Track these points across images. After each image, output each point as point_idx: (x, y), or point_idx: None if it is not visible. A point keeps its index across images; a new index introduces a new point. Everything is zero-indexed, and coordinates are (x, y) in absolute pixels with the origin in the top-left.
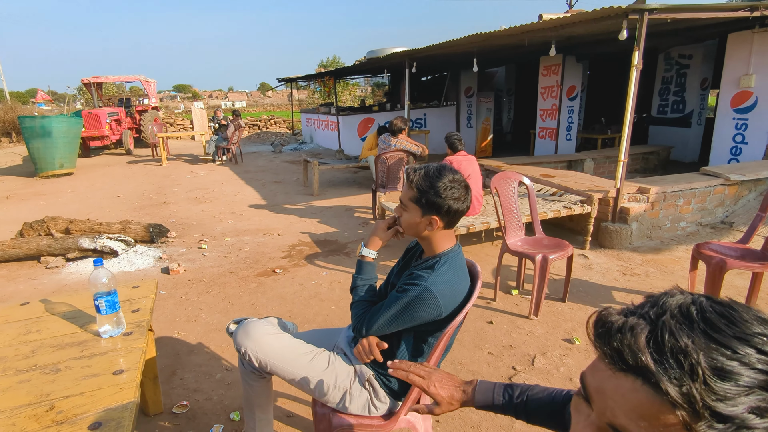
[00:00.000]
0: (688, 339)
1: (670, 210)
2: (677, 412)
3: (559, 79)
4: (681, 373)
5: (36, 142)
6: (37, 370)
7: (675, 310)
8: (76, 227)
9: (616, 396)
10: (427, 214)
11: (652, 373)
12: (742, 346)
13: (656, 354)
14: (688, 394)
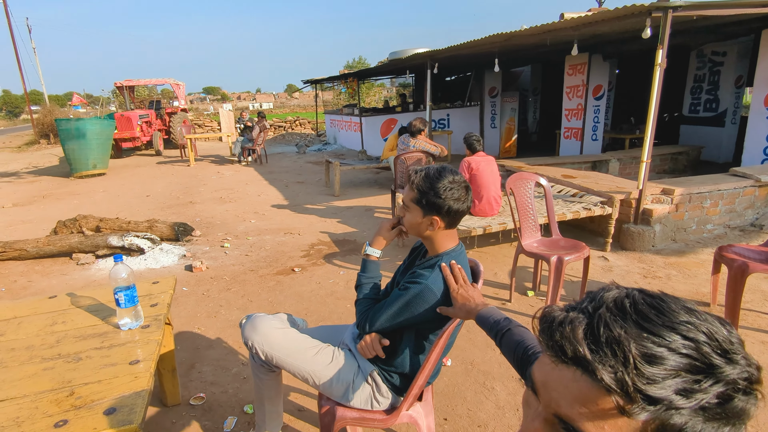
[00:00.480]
0: (621, 329)
1: (696, 212)
2: (612, 397)
3: (584, 78)
4: (615, 361)
5: (71, 144)
6: (60, 359)
7: (610, 303)
8: (106, 225)
9: (559, 387)
10: (428, 214)
11: (589, 363)
12: (670, 333)
13: (593, 345)
14: (621, 379)
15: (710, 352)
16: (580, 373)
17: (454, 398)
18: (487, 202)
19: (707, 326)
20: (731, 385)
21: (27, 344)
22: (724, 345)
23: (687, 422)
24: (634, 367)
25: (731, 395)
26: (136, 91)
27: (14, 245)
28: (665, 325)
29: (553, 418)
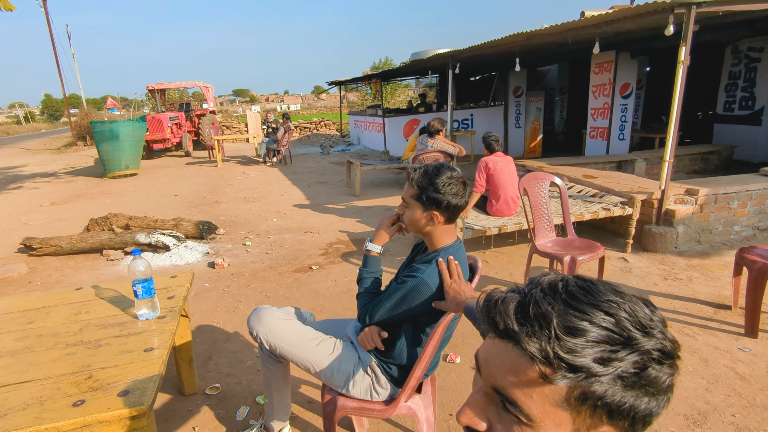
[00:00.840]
0: (549, 306)
1: (723, 213)
2: (536, 365)
3: (611, 77)
4: (540, 333)
5: (105, 145)
6: (82, 345)
7: (545, 285)
8: (135, 223)
9: (495, 360)
10: (428, 210)
11: (516, 334)
12: (593, 309)
13: (522, 319)
14: (544, 349)
15: (629, 326)
16: (512, 346)
17: (461, 394)
18: (505, 202)
19: (630, 305)
20: (646, 355)
21: (53, 331)
22: (643, 321)
23: (607, 390)
24: (556, 338)
25: (646, 364)
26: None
27: (50, 241)
28: (590, 303)
29: (492, 390)
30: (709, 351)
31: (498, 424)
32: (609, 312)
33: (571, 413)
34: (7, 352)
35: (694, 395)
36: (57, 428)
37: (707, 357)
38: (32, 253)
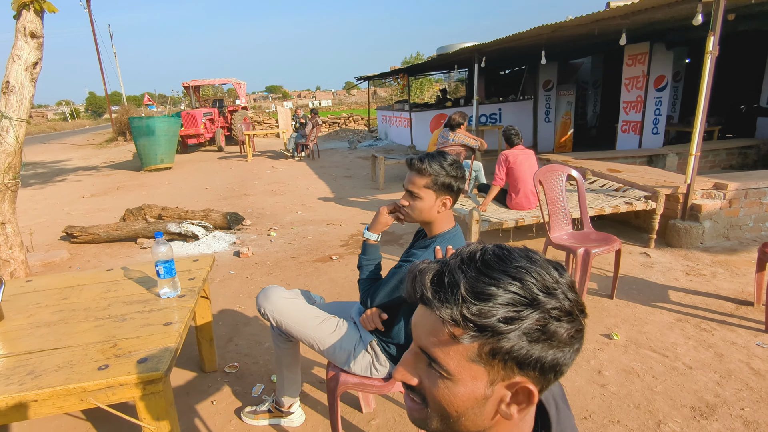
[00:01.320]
0: (462, 274)
1: (754, 208)
2: (446, 328)
3: (645, 69)
4: (450, 299)
5: (142, 140)
6: (109, 319)
7: (465, 255)
8: (167, 214)
9: (419, 324)
10: (441, 195)
11: (429, 301)
12: (502, 275)
13: (436, 287)
14: (453, 314)
15: (534, 289)
16: (429, 311)
17: None
18: (524, 195)
19: (538, 270)
20: (547, 313)
21: (85, 306)
22: (548, 284)
23: (513, 345)
24: (463, 302)
25: (547, 321)
26: (202, 91)
27: (89, 230)
28: (501, 270)
29: (419, 350)
30: (726, 346)
31: (426, 379)
32: (516, 277)
33: (484, 367)
34: (44, 323)
35: (704, 388)
36: (83, 388)
37: (722, 352)
38: (73, 240)
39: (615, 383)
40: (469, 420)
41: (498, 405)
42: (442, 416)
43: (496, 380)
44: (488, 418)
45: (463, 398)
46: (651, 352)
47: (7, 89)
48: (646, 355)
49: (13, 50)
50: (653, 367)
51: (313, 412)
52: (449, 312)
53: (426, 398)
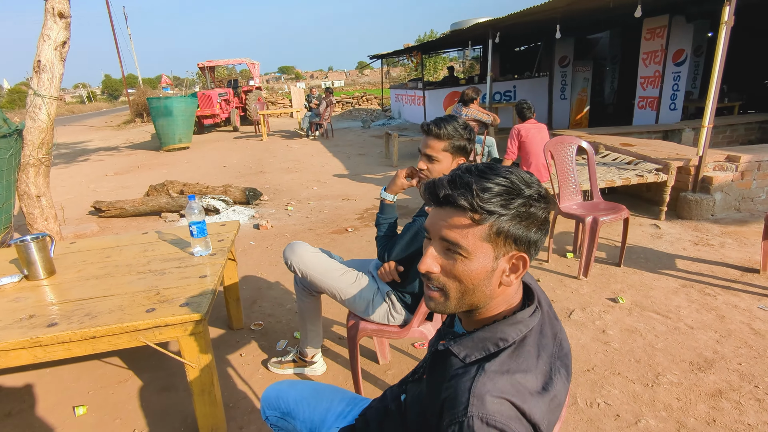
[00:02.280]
0: (469, 177)
1: (767, 180)
2: (467, 214)
3: (663, 43)
4: (467, 193)
5: (160, 120)
6: (150, 273)
7: (463, 168)
8: (189, 189)
9: (439, 220)
10: (456, 157)
11: (452, 196)
12: (495, 176)
13: (453, 186)
14: (471, 202)
15: (517, 183)
16: (450, 208)
17: None
18: (536, 169)
19: (518, 173)
20: (529, 198)
21: (127, 263)
22: (526, 179)
23: (510, 225)
24: (476, 195)
25: (530, 204)
26: (217, 71)
27: (116, 204)
28: (493, 173)
29: (440, 241)
30: (728, 309)
31: (446, 265)
32: (505, 176)
33: (492, 244)
34: (92, 276)
35: (704, 345)
36: (135, 326)
37: (725, 314)
38: (101, 215)
39: (618, 341)
40: (481, 291)
41: (501, 275)
42: (461, 292)
43: (499, 255)
44: (494, 288)
45: (478, 272)
46: (654, 314)
47: (39, 68)
48: (649, 316)
49: (43, 30)
50: (655, 327)
51: (333, 363)
52: (469, 202)
53: (444, 287)
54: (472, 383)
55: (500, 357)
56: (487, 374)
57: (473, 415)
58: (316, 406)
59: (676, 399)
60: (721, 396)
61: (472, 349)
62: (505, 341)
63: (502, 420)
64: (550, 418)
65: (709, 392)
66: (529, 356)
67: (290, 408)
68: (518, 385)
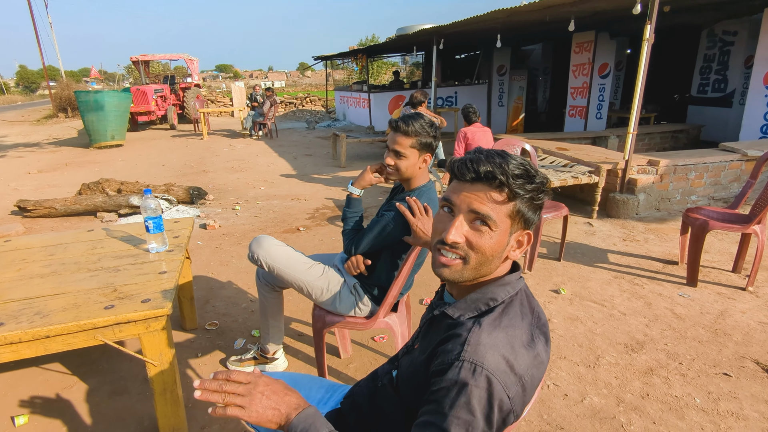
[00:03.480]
0: (499, 158)
1: (681, 183)
2: (503, 190)
3: (590, 57)
4: (505, 173)
5: (90, 115)
6: (103, 270)
7: (484, 151)
8: (127, 188)
9: (472, 195)
10: (423, 153)
11: (492, 173)
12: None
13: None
14: (507, 181)
15: (531, 170)
16: (483, 184)
17: None
18: None
19: (528, 162)
20: (540, 184)
21: (75, 260)
22: (535, 168)
23: (525, 207)
24: (511, 175)
25: (540, 190)
26: (151, 67)
27: (44, 203)
28: (512, 158)
29: (469, 213)
30: (654, 297)
31: (472, 235)
32: (521, 163)
33: (511, 221)
34: (37, 275)
35: (635, 329)
36: (94, 324)
37: (651, 301)
38: (27, 215)
39: (562, 328)
40: (493, 263)
41: (509, 250)
42: (479, 262)
43: (513, 231)
44: (501, 260)
45: (498, 244)
46: (592, 303)
47: None
48: (588, 305)
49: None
50: (594, 314)
51: (294, 359)
52: (506, 181)
53: (467, 256)
54: (468, 334)
55: (493, 313)
56: (482, 327)
57: (465, 360)
58: None
59: (615, 377)
60: (652, 373)
61: (465, 309)
62: (495, 300)
63: (490, 369)
64: (533, 372)
65: (641, 370)
66: (516, 316)
67: None
68: (510, 337)
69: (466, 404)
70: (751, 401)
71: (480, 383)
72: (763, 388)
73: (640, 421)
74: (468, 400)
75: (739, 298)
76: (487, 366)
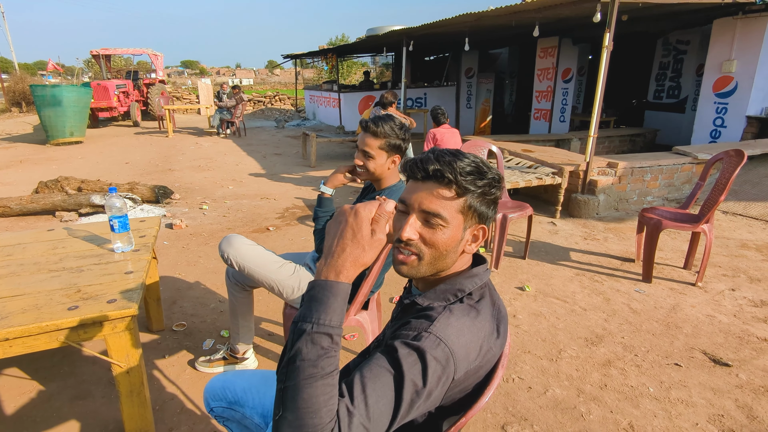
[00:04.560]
0: (449, 156)
1: (638, 184)
2: (452, 187)
3: (554, 62)
4: (452, 170)
5: (47, 111)
6: (65, 270)
7: (437, 150)
8: (88, 186)
9: (423, 193)
10: (391, 154)
11: (440, 171)
12: (465, 158)
13: (439, 163)
14: (455, 177)
15: (482, 165)
16: (433, 182)
17: None
18: None
19: (480, 158)
20: (492, 179)
21: (34, 261)
22: (487, 164)
23: (477, 202)
24: (459, 171)
25: (492, 185)
26: (113, 61)
27: None
28: (463, 155)
29: (420, 212)
30: (612, 293)
31: (425, 232)
32: (473, 159)
33: (463, 217)
34: None
35: (595, 324)
36: (57, 325)
37: (609, 297)
38: None
39: (526, 324)
40: (449, 257)
41: (465, 244)
42: (434, 257)
43: (467, 226)
44: (458, 254)
45: (451, 239)
46: (555, 299)
47: None
48: (551, 302)
49: None
50: (556, 310)
51: (264, 359)
52: (454, 177)
53: (420, 252)
54: (439, 315)
55: (463, 303)
56: (453, 312)
57: (432, 333)
58: (267, 392)
59: (576, 370)
60: (610, 365)
61: (434, 299)
62: (463, 291)
63: (452, 348)
64: (480, 363)
65: (600, 362)
66: (485, 307)
67: (238, 397)
68: (475, 327)
69: (422, 371)
70: (699, 389)
71: (440, 356)
72: (710, 377)
73: (598, 410)
74: (425, 368)
75: (689, 293)
76: (450, 345)
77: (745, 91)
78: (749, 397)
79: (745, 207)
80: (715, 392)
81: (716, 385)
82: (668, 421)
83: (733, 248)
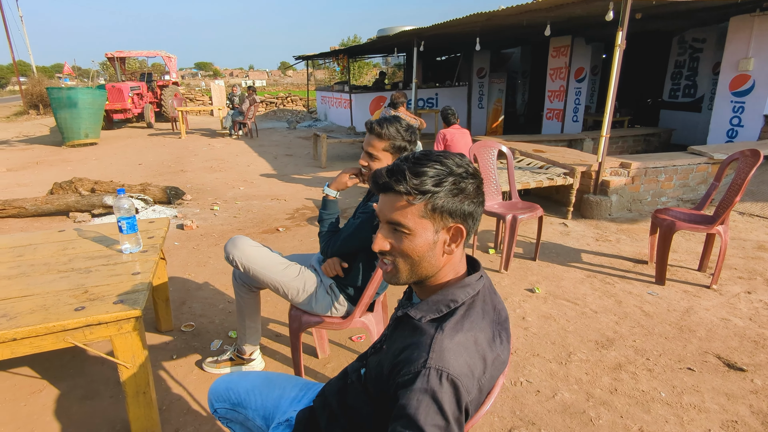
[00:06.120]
0: (405, 164)
1: (651, 185)
2: (403, 197)
3: (567, 61)
4: (400, 179)
5: (63, 113)
6: (74, 271)
7: (402, 157)
8: (101, 187)
9: (384, 205)
10: (396, 157)
11: (389, 182)
12: (429, 161)
13: (390, 175)
14: (404, 186)
15: (450, 165)
16: (390, 193)
17: None
18: None
19: (450, 156)
20: (459, 176)
21: (44, 262)
22: (457, 161)
23: (444, 201)
24: (408, 179)
25: (460, 180)
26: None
27: (13, 203)
28: (427, 159)
29: (386, 224)
30: (624, 295)
31: (394, 242)
32: (438, 161)
33: (430, 220)
34: (3, 277)
35: (605, 327)
36: (63, 326)
37: (621, 299)
38: None
39: (536, 326)
40: (427, 262)
41: (443, 246)
42: (409, 264)
43: (438, 228)
44: (439, 258)
45: (422, 245)
46: (565, 301)
47: None
48: (561, 304)
49: None
50: (567, 312)
51: (271, 360)
52: (403, 186)
53: (395, 261)
54: (432, 340)
55: (455, 316)
56: (445, 332)
57: (431, 367)
58: (269, 394)
59: (585, 373)
60: (621, 369)
61: (426, 311)
62: (455, 302)
63: (455, 374)
64: (492, 373)
65: (611, 366)
66: (478, 316)
67: (241, 398)
68: (472, 341)
69: (439, 410)
70: (712, 394)
71: (447, 389)
72: (723, 382)
73: (608, 415)
74: (440, 407)
75: (703, 295)
76: (452, 371)
77: (763, 89)
78: (764, 403)
79: (762, 208)
80: (728, 398)
81: (730, 390)
82: (680, 427)
83: (749, 250)
